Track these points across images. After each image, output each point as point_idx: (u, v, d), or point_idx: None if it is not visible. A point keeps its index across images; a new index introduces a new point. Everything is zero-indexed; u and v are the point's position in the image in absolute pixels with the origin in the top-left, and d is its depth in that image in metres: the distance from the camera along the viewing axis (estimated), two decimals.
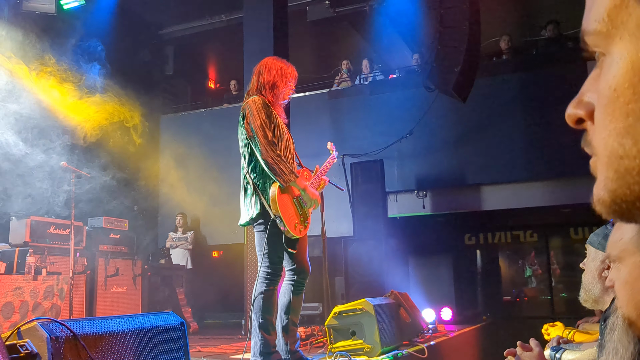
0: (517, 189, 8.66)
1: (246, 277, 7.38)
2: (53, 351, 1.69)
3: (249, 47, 7.95)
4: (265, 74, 3.87)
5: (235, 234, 9.42)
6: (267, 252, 3.65)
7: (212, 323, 9.77)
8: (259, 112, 3.68)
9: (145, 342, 2.04)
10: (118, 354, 1.91)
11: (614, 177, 0.56)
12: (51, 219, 6.47)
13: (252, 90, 3.89)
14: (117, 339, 1.93)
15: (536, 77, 8.68)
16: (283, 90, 3.91)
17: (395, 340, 4.57)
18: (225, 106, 10.59)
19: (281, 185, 3.60)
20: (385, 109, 9.21)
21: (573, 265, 9.58)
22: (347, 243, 8.21)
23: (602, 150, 0.57)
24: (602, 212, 0.59)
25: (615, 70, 0.54)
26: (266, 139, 3.61)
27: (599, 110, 0.57)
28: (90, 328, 1.86)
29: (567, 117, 0.62)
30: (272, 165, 3.58)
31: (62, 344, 1.72)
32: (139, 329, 2.06)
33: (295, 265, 3.80)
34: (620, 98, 0.54)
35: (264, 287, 3.64)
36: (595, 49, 0.59)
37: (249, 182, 3.71)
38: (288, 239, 3.70)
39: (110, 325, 1.95)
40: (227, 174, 8.89)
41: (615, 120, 0.54)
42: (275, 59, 4.00)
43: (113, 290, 6.94)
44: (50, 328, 1.73)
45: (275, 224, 3.62)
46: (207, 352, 4.96)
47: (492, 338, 7.73)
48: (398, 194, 9.12)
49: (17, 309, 5.10)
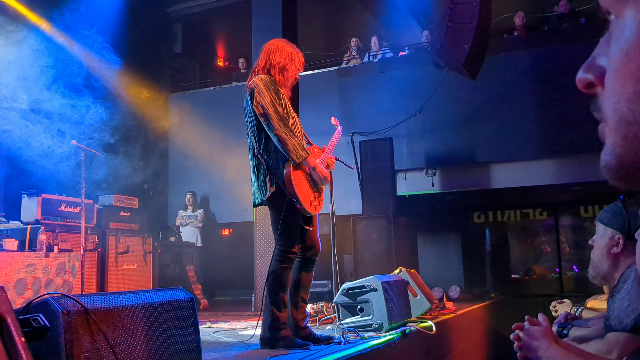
0: (527, 167, 8.62)
1: (255, 255, 7.42)
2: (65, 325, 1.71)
3: (257, 25, 7.90)
4: (276, 55, 3.86)
5: (244, 212, 9.47)
6: (283, 230, 3.66)
7: (221, 300, 9.87)
8: (267, 89, 3.67)
9: (155, 317, 2.07)
10: (128, 328, 1.94)
11: (622, 142, 0.55)
12: (62, 197, 6.51)
13: (259, 68, 3.87)
14: (127, 314, 1.95)
15: (547, 53, 8.58)
16: (292, 74, 3.92)
17: (403, 317, 4.60)
18: (233, 84, 10.56)
19: (293, 162, 3.60)
20: (394, 87, 9.16)
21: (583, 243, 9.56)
22: (356, 221, 8.23)
23: (611, 116, 0.56)
24: (608, 178, 0.59)
25: (628, 35, 0.53)
26: (277, 114, 3.61)
27: (609, 75, 0.56)
28: (101, 303, 1.88)
29: (578, 82, 0.61)
30: (284, 140, 3.57)
31: (74, 318, 1.74)
32: (149, 303, 2.08)
33: (306, 243, 3.82)
34: (631, 63, 0.53)
35: (279, 265, 3.67)
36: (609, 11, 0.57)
37: (261, 162, 3.70)
38: (304, 216, 3.72)
39: (120, 300, 1.98)
40: (236, 152, 8.89)
41: (626, 85, 0.53)
42: (286, 42, 3.99)
43: (124, 268, 7.01)
44: (61, 302, 1.75)
45: (291, 203, 3.64)
46: (217, 328, 5.02)
47: (500, 315, 7.76)
48: (407, 172, 9.10)
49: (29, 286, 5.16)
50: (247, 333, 4.57)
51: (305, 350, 3.49)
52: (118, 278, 6.83)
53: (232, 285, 10.22)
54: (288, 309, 3.75)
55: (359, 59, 10.17)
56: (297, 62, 3.94)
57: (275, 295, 3.67)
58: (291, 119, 3.77)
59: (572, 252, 10.36)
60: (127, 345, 1.91)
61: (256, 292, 7.32)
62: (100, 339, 1.81)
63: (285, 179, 3.60)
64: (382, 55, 10.04)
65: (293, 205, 3.65)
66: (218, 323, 5.46)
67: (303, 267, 3.83)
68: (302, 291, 3.83)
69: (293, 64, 3.91)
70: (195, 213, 9.71)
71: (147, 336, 2.00)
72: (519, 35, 9.33)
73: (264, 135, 3.69)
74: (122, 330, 1.91)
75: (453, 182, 9.03)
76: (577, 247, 10.24)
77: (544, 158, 8.52)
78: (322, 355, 3.24)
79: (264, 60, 3.88)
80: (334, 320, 4.87)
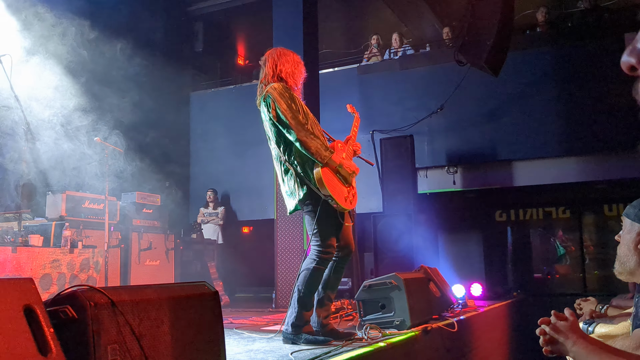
0: (550, 165, 8.53)
1: (276, 252, 7.45)
2: (92, 317, 1.74)
3: (278, 23, 7.92)
4: (283, 62, 3.89)
5: (265, 210, 9.51)
6: (318, 231, 3.68)
7: (242, 297, 9.92)
8: (282, 97, 3.71)
9: (180, 310, 2.09)
10: (154, 321, 1.96)
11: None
12: (85, 194, 6.59)
13: (269, 77, 3.88)
14: (153, 306, 1.97)
15: (571, 50, 8.48)
16: (299, 79, 3.96)
17: (424, 314, 4.58)
18: (254, 82, 10.56)
19: (320, 163, 3.62)
20: (415, 84, 9.12)
21: (607, 242, 9.44)
22: (377, 219, 8.21)
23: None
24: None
25: None
26: (296, 120, 3.64)
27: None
28: (127, 295, 1.90)
29: (622, 64, 0.61)
30: (307, 144, 3.60)
31: (101, 310, 1.77)
32: (174, 296, 2.10)
33: (341, 242, 3.82)
34: None
35: (313, 265, 3.68)
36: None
37: (289, 168, 3.73)
38: (341, 214, 3.75)
39: (146, 293, 2.00)
40: (257, 150, 8.93)
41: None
42: (286, 49, 4.02)
43: (146, 264, 7.08)
44: (89, 295, 1.78)
45: (326, 203, 3.66)
46: (239, 324, 5.05)
47: (522, 314, 7.70)
48: (428, 170, 9.07)
49: (54, 281, 5.24)
50: (269, 329, 4.59)
51: (327, 346, 3.50)
52: (141, 274, 6.90)
53: (252, 282, 10.27)
54: (314, 307, 3.77)
55: (380, 56, 10.15)
56: (301, 67, 3.99)
57: (303, 294, 3.69)
58: (310, 121, 3.78)
59: (596, 251, 10.23)
60: (153, 337, 1.93)
61: (277, 289, 7.35)
62: (127, 330, 1.83)
63: (317, 181, 3.62)
64: (402, 52, 10.00)
65: (328, 204, 3.67)
66: (240, 319, 5.49)
67: (334, 268, 3.83)
68: (329, 290, 3.83)
69: (299, 68, 3.96)
70: (216, 210, 9.78)
71: (172, 328, 2.01)
72: (542, 31, 9.23)
73: (287, 141, 3.71)
74: (147, 322, 1.93)
75: (475, 180, 8.97)
76: (601, 246, 10.10)
77: (567, 155, 8.42)
78: (343, 351, 3.25)
79: (271, 70, 3.89)
80: (355, 317, 4.87)
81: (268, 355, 3.27)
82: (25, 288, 1.62)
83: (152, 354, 1.90)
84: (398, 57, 9.85)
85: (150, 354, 1.89)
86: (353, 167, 3.85)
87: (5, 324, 1.49)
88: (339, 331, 3.83)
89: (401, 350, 3.70)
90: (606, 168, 8.01)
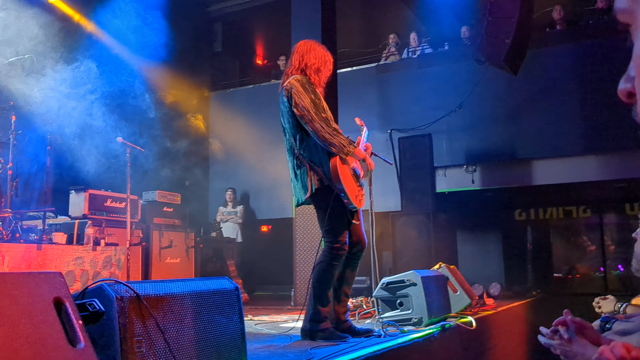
0: (570, 163, 8.47)
1: (295, 251, 7.50)
2: (118, 310, 1.80)
3: (296, 22, 7.96)
4: (310, 56, 3.86)
5: (284, 209, 9.56)
6: (331, 227, 3.68)
7: (261, 295, 9.99)
8: (305, 90, 3.69)
9: (202, 305, 2.14)
10: (177, 314, 2.02)
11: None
12: (108, 192, 6.71)
13: (294, 69, 3.86)
14: (176, 301, 2.03)
15: (590, 48, 8.40)
16: (325, 75, 3.93)
17: (442, 311, 4.59)
18: (273, 82, 10.65)
19: (342, 157, 3.65)
20: (433, 83, 9.11)
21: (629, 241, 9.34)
22: (395, 218, 8.23)
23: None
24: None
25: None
26: (319, 115, 3.63)
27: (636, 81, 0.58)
28: (152, 290, 1.96)
29: (619, 93, 0.63)
30: (330, 140, 3.59)
31: (127, 303, 1.83)
32: (196, 291, 2.16)
33: (353, 238, 3.84)
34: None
35: (327, 261, 3.69)
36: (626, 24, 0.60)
37: (302, 161, 3.72)
38: (351, 211, 3.76)
39: (170, 288, 2.06)
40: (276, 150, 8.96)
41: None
42: (318, 44, 3.98)
43: (167, 262, 7.18)
44: (115, 288, 1.84)
45: (338, 198, 3.66)
46: (259, 320, 5.11)
47: (542, 313, 7.65)
48: (447, 169, 9.05)
49: (78, 278, 5.35)
50: (287, 325, 4.64)
51: (345, 342, 3.53)
52: (161, 271, 7.00)
53: (271, 280, 10.34)
54: (331, 303, 3.80)
55: (398, 55, 10.15)
56: (329, 64, 3.95)
57: (319, 290, 3.71)
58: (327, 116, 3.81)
59: (617, 251, 10.12)
60: (177, 330, 1.99)
61: (296, 287, 7.40)
62: (152, 324, 1.89)
63: (332, 172, 3.62)
64: (421, 51, 9.99)
65: (340, 200, 3.67)
66: (259, 316, 5.55)
67: (348, 263, 3.85)
68: (345, 285, 3.86)
69: (326, 66, 3.92)
70: (235, 209, 9.86)
71: (195, 323, 2.07)
72: (561, 29, 9.16)
73: (303, 134, 3.70)
74: (171, 316, 1.99)
75: (494, 179, 8.93)
76: (622, 246, 10.00)
77: (587, 154, 8.36)
78: (361, 347, 3.28)
79: (297, 61, 3.87)
80: (373, 315, 4.90)
81: (287, 350, 3.32)
82: (55, 281, 1.69)
83: (176, 347, 1.96)
84: (416, 56, 9.85)
85: (174, 347, 1.95)
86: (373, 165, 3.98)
87: (36, 315, 1.55)
88: (357, 328, 3.86)
89: (418, 347, 3.72)
90: (627, 166, 7.93)
